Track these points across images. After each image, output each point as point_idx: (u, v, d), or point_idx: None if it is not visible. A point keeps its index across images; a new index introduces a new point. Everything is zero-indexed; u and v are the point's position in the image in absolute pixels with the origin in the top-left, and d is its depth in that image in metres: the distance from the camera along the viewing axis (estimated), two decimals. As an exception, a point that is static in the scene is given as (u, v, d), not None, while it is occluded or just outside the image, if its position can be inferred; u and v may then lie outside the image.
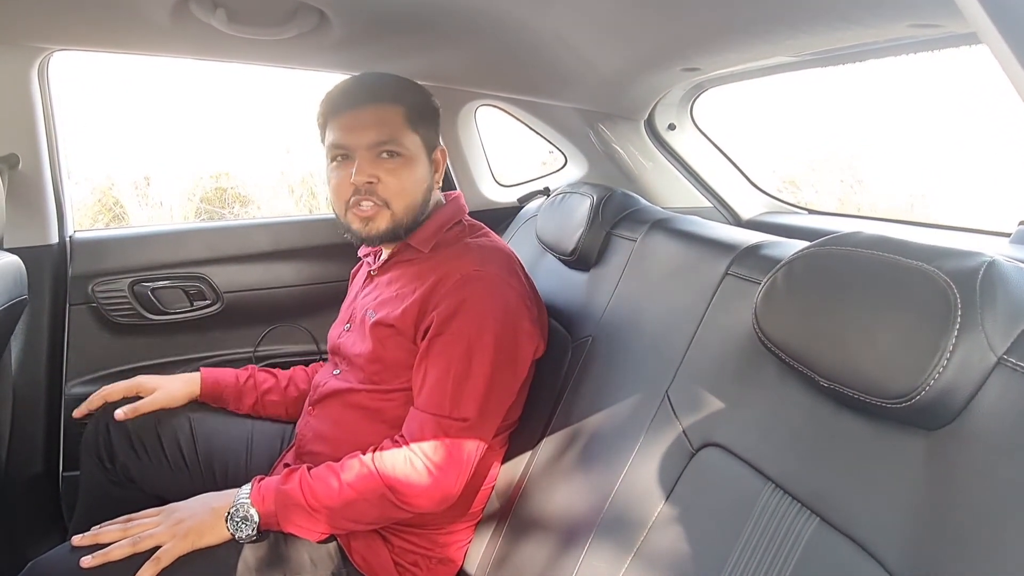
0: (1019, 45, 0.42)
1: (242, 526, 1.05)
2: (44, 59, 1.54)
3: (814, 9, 0.97)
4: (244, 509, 1.05)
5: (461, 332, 1.10)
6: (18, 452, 1.56)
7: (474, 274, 1.13)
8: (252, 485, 1.09)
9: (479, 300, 1.11)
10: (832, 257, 0.73)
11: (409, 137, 1.18)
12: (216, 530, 1.04)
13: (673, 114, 1.82)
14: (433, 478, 1.07)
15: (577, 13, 1.18)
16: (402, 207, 1.18)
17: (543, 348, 1.23)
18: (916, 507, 0.59)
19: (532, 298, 1.21)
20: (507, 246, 1.27)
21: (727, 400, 0.86)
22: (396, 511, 1.08)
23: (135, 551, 1.00)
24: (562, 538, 1.04)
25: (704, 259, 1.05)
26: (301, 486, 1.07)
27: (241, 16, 1.22)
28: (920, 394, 0.58)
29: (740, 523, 0.76)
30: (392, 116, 1.17)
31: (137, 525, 1.04)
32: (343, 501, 1.06)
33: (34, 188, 1.58)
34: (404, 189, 1.18)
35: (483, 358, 1.10)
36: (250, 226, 1.98)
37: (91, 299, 1.72)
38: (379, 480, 1.06)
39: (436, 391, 1.10)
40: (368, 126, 1.16)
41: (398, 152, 1.17)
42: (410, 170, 1.18)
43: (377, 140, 1.16)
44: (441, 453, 1.07)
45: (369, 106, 1.17)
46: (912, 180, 4.45)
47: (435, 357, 1.12)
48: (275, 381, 1.45)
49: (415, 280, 1.18)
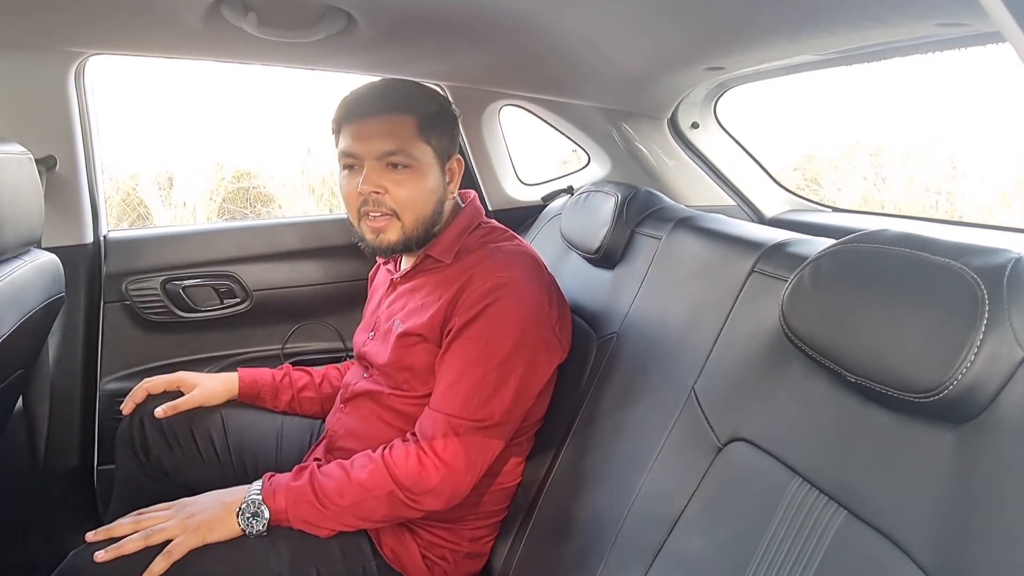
0: None
1: (253, 522, 1.06)
2: (80, 63, 1.58)
3: (839, 8, 0.97)
4: (255, 505, 1.06)
5: (480, 336, 1.10)
6: (55, 446, 1.60)
7: (499, 280, 1.12)
8: (263, 481, 1.10)
9: (502, 306, 1.11)
10: (859, 254, 0.74)
11: (419, 147, 1.16)
12: (227, 525, 1.06)
13: (696, 112, 1.83)
14: (442, 477, 1.07)
15: (601, 13, 1.19)
16: (411, 218, 1.17)
17: (564, 355, 1.22)
18: (944, 499, 0.60)
19: (556, 303, 1.20)
20: (531, 248, 1.26)
21: (754, 395, 0.87)
22: (405, 509, 1.09)
23: (147, 545, 1.02)
24: (588, 535, 1.05)
25: (730, 257, 1.06)
26: (312, 483, 1.08)
27: (271, 19, 1.24)
28: (949, 388, 0.59)
29: (767, 517, 0.76)
30: (402, 126, 1.15)
31: (149, 519, 1.06)
32: (353, 499, 1.07)
33: (70, 189, 1.62)
34: (413, 200, 1.16)
35: (501, 363, 1.10)
36: (277, 225, 2.02)
37: (124, 297, 1.77)
38: (388, 478, 1.07)
39: (451, 392, 1.11)
40: (377, 136, 1.14)
41: (406, 163, 1.15)
42: (419, 181, 1.16)
43: (385, 150, 1.14)
44: (451, 453, 1.07)
45: (379, 115, 1.15)
46: (937, 177, 4.41)
47: (453, 359, 1.12)
48: (310, 379, 1.47)
49: (440, 287, 1.18)
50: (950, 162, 4.46)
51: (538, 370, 1.16)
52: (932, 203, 4.40)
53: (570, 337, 1.24)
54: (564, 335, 1.21)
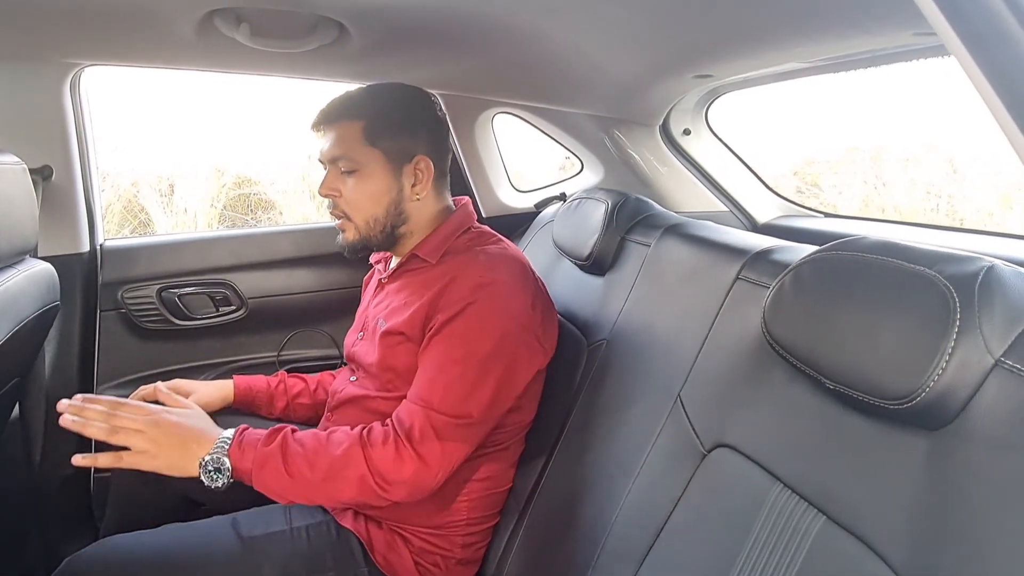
0: (984, 59, 0.44)
1: (215, 475, 1.03)
2: (76, 74, 1.59)
3: (823, 18, 0.99)
4: (218, 461, 1.03)
5: (461, 334, 1.10)
6: (51, 455, 1.60)
7: (482, 281, 1.13)
8: (235, 435, 1.07)
9: (484, 306, 1.11)
10: (838, 262, 0.74)
11: (366, 152, 1.19)
12: (185, 468, 1.03)
13: (688, 119, 1.84)
14: (415, 469, 1.06)
15: (590, 21, 1.20)
16: (361, 220, 1.21)
17: (547, 360, 1.22)
18: (919, 505, 0.61)
19: (541, 308, 1.20)
20: (519, 252, 1.27)
21: (738, 402, 0.87)
22: (372, 496, 1.06)
23: (107, 439, 1.01)
24: (578, 541, 1.05)
25: (716, 264, 1.06)
26: (283, 449, 1.05)
27: (264, 30, 1.26)
28: (920, 395, 0.60)
29: (750, 522, 0.77)
30: (349, 132, 1.19)
31: (120, 417, 1.04)
32: (324, 474, 1.05)
33: (67, 198, 1.63)
34: (359, 203, 1.20)
35: (480, 362, 1.10)
36: (273, 233, 2.03)
37: (120, 305, 1.78)
38: (363, 460, 1.05)
39: (429, 385, 1.10)
40: (328, 142, 1.21)
41: (351, 168, 1.19)
42: (366, 184, 1.19)
43: (333, 156, 1.20)
44: (427, 447, 1.06)
45: (330, 123, 1.21)
46: (937, 180, 4.41)
47: (432, 354, 1.12)
48: (304, 385, 1.48)
49: (423, 287, 1.18)
50: (950, 164, 4.46)
51: (517, 372, 1.15)
52: (932, 206, 4.40)
53: (554, 342, 1.23)
54: (548, 340, 1.21)
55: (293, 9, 1.18)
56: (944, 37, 0.47)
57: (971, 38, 0.47)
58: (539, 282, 1.24)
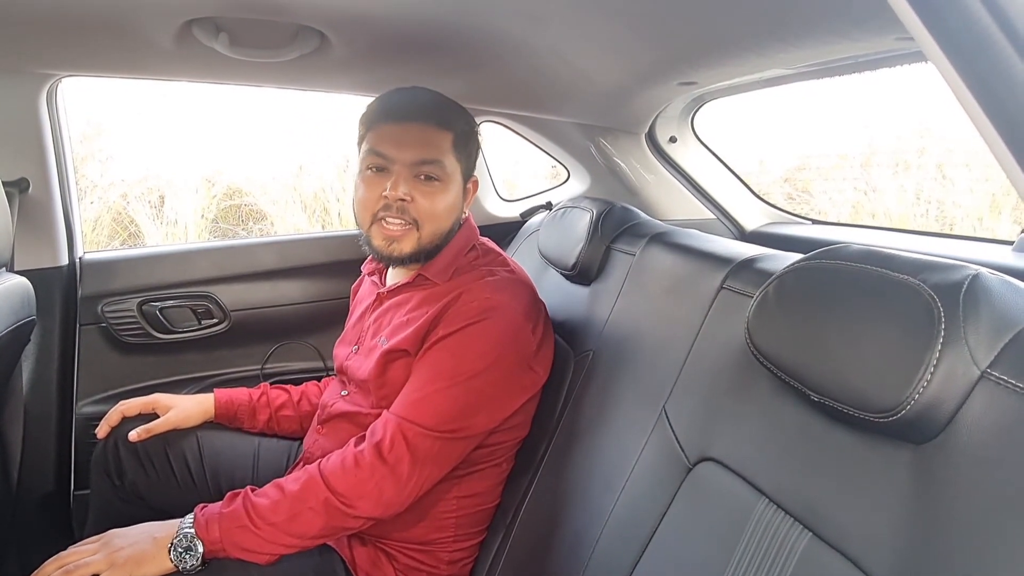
0: (962, 65, 0.43)
1: (186, 557, 1.00)
2: (52, 85, 1.58)
3: (804, 24, 0.98)
4: (187, 539, 1.00)
5: (455, 350, 1.09)
6: (30, 471, 1.58)
7: (489, 304, 1.11)
8: (195, 513, 1.04)
9: (485, 328, 1.09)
10: (822, 271, 0.73)
11: (452, 163, 1.16)
12: (157, 561, 0.99)
13: (674, 127, 1.83)
14: (379, 479, 1.03)
15: (573, 30, 1.19)
16: (430, 231, 1.16)
17: (537, 388, 1.20)
18: (905, 521, 0.59)
19: (541, 334, 1.18)
20: (526, 275, 1.25)
21: (722, 414, 0.86)
22: (342, 518, 1.04)
23: None
24: (563, 556, 1.04)
25: (700, 273, 1.05)
26: (244, 506, 1.03)
27: (243, 39, 1.24)
28: (905, 408, 0.58)
29: (735, 538, 0.75)
30: (441, 138, 1.15)
31: (73, 554, 1.00)
32: (287, 514, 1.02)
33: (44, 211, 1.61)
34: (436, 213, 1.16)
35: (467, 381, 1.08)
36: (256, 244, 2.01)
37: (100, 319, 1.75)
38: (323, 485, 1.03)
39: (409, 395, 1.08)
40: (416, 143, 1.14)
41: (438, 176, 1.15)
42: (446, 195, 1.16)
43: (421, 159, 1.13)
44: (396, 455, 1.04)
45: (420, 123, 1.15)
46: (928, 185, 4.42)
47: (423, 367, 1.10)
48: (288, 396, 1.46)
49: (426, 302, 1.16)
50: (940, 170, 4.47)
51: (506, 397, 1.14)
52: (922, 211, 4.41)
53: (549, 365, 1.21)
54: (543, 365, 1.19)
55: (272, 18, 1.16)
56: (922, 42, 0.46)
57: (949, 43, 0.46)
58: (542, 306, 1.23)
